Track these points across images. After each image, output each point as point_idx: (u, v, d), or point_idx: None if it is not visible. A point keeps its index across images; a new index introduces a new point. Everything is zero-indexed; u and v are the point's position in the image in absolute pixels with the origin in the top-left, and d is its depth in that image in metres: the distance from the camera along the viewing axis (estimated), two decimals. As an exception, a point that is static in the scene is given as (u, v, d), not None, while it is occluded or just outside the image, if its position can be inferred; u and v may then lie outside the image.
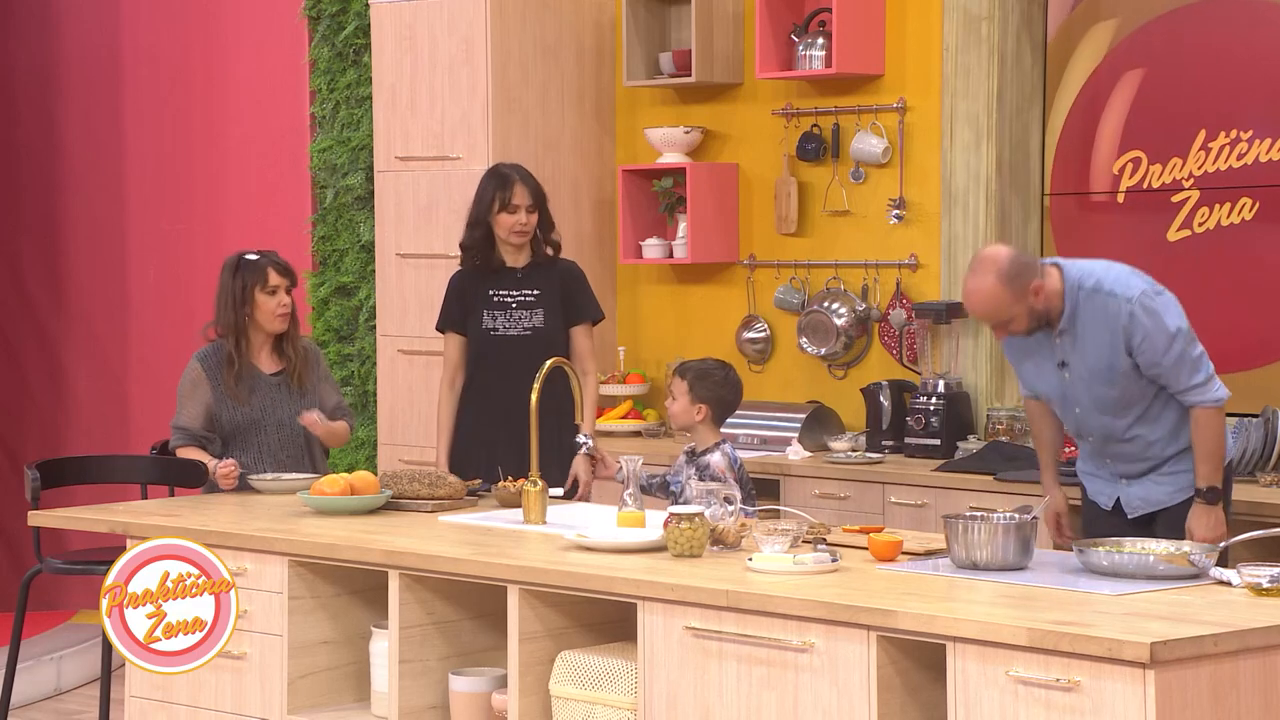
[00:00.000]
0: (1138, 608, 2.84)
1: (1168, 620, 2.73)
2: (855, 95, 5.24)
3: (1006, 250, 3.63)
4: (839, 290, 5.30)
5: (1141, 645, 2.57)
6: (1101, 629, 2.68)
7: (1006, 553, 3.16)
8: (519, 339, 4.45)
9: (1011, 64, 5.00)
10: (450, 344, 4.52)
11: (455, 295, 4.52)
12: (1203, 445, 3.68)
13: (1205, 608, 2.83)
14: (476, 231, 4.48)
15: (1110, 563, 3.10)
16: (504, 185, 4.44)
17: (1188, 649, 2.60)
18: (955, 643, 2.78)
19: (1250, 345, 4.60)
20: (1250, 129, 4.59)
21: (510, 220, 4.44)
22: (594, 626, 3.39)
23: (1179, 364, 3.66)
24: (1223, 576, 3.00)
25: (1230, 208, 4.65)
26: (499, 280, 4.48)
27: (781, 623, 2.99)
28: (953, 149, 5.06)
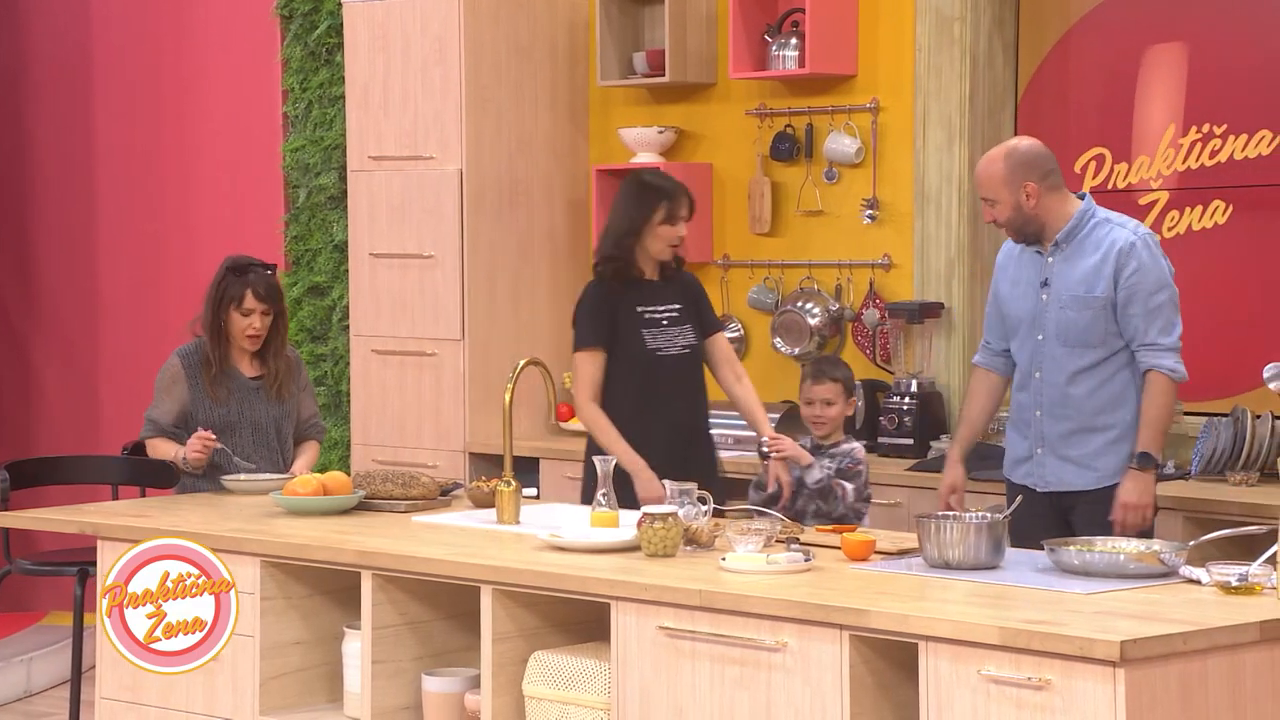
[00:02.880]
0: (1108, 606, 2.86)
1: (1138, 619, 2.75)
2: (828, 95, 5.25)
3: (1032, 143, 3.86)
4: (812, 290, 5.31)
5: (1112, 644, 2.59)
6: (1072, 628, 2.69)
7: (979, 552, 3.18)
8: (679, 358, 4.21)
9: (984, 65, 5.02)
10: (596, 363, 4.16)
11: (606, 310, 4.17)
12: (1151, 411, 3.73)
13: (1175, 606, 2.86)
14: (628, 241, 4.18)
15: (1081, 562, 3.12)
16: (671, 197, 4.20)
17: (1157, 647, 2.62)
18: (927, 642, 2.80)
19: (1225, 361, 4.61)
20: (1224, 123, 4.59)
21: (671, 234, 4.19)
22: (567, 626, 3.39)
23: (1157, 314, 3.72)
24: (1192, 575, 3.03)
25: (1202, 211, 4.66)
26: (641, 295, 4.20)
27: (755, 622, 3.00)
28: (925, 149, 5.08)
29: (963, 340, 5.07)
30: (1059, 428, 3.83)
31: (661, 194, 4.20)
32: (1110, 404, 3.78)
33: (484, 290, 5.54)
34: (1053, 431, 3.84)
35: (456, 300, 5.50)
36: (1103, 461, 3.79)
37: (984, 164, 3.86)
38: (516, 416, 4.07)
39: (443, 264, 5.52)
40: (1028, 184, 3.77)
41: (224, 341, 4.39)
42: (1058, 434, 3.83)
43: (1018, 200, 3.77)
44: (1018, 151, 3.82)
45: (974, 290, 5.06)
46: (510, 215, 5.58)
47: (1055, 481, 3.85)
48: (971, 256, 5.06)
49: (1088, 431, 3.80)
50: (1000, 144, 3.92)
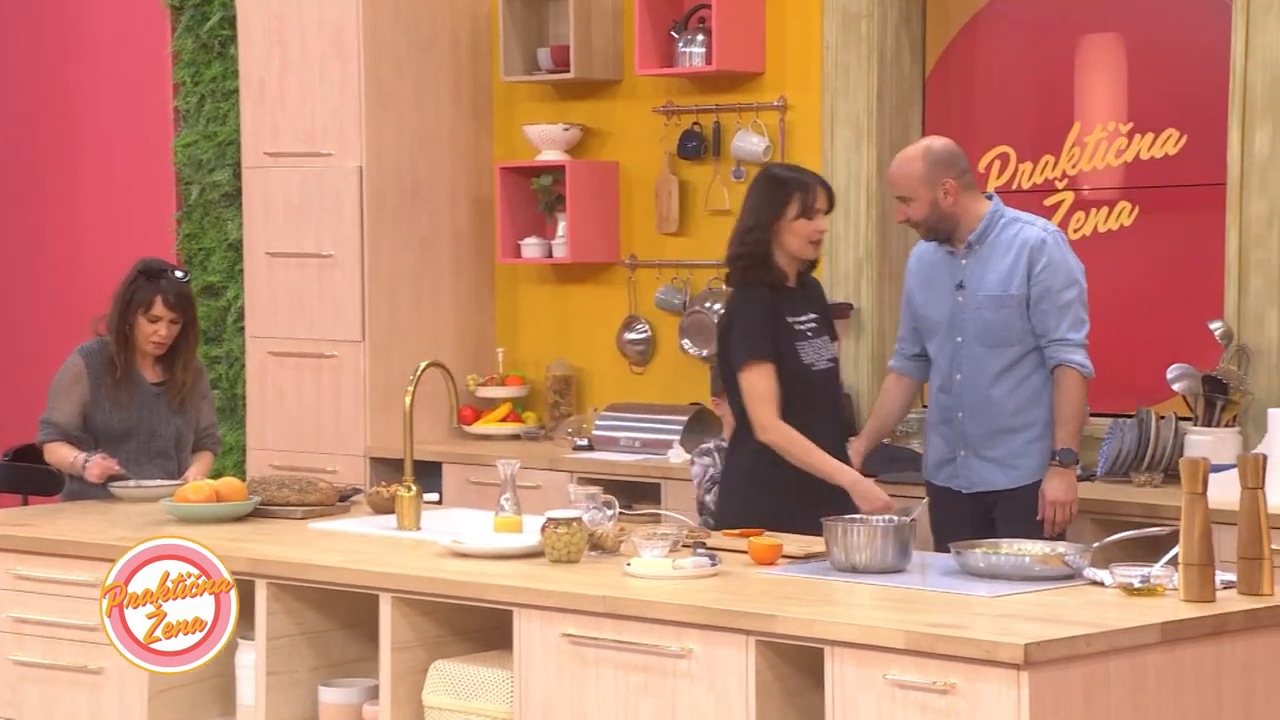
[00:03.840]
0: (1013, 609, 2.90)
1: (1042, 621, 2.80)
2: (736, 93, 5.28)
3: (946, 142, 3.95)
4: (721, 290, 5.31)
5: (1015, 647, 2.63)
6: (977, 631, 2.73)
7: (885, 555, 3.22)
8: (827, 374, 3.85)
9: (891, 63, 5.08)
10: (771, 375, 3.75)
11: (771, 317, 3.78)
12: (1065, 408, 3.82)
13: (1078, 608, 2.91)
14: (763, 244, 3.78)
15: (987, 564, 3.17)
16: (805, 188, 3.79)
17: (1060, 650, 2.67)
18: (833, 646, 2.82)
19: (1132, 363, 4.71)
20: (1130, 121, 4.68)
21: (809, 229, 3.79)
22: (469, 635, 3.38)
23: (1066, 310, 3.82)
24: (1096, 577, 3.08)
25: (1108, 212, 4.75)
26: (787, 303, 3.81)
27: (659, 628, 3.01)
28: (833, 148, 5.13)
29: (872, 342, 5.12)
30: (981, 428, 3.91)
31: (793, 186, 3.80)
32: (1029, 402, 3.87)
33: (385, 290, 5.50)
34: (975, 432, 3.92)
35: (356, 301, 5.46)
36: (1024, 460, 3.88)
37: (900, 163, 3.92)
38: (418, 420, 4.05)
39: (342, 263, 5.47)
40: (946, 181, 3.85)
41: (129, 346, 4.32)
42: (980, 435, 3.91)
43: (935, 198, 3.84)
44: (935, 150, 3.90)
45: (883, 291, 5.12)
46: (412, 213, 5.55)
47: (979, 482, 3.92)
48: (880, 257, 5.12)
49: (1008, 431, 3.89)
50: (912, 144, 4.00)
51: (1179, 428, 4.39)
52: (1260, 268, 4.37)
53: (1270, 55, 4.30)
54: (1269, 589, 2.93)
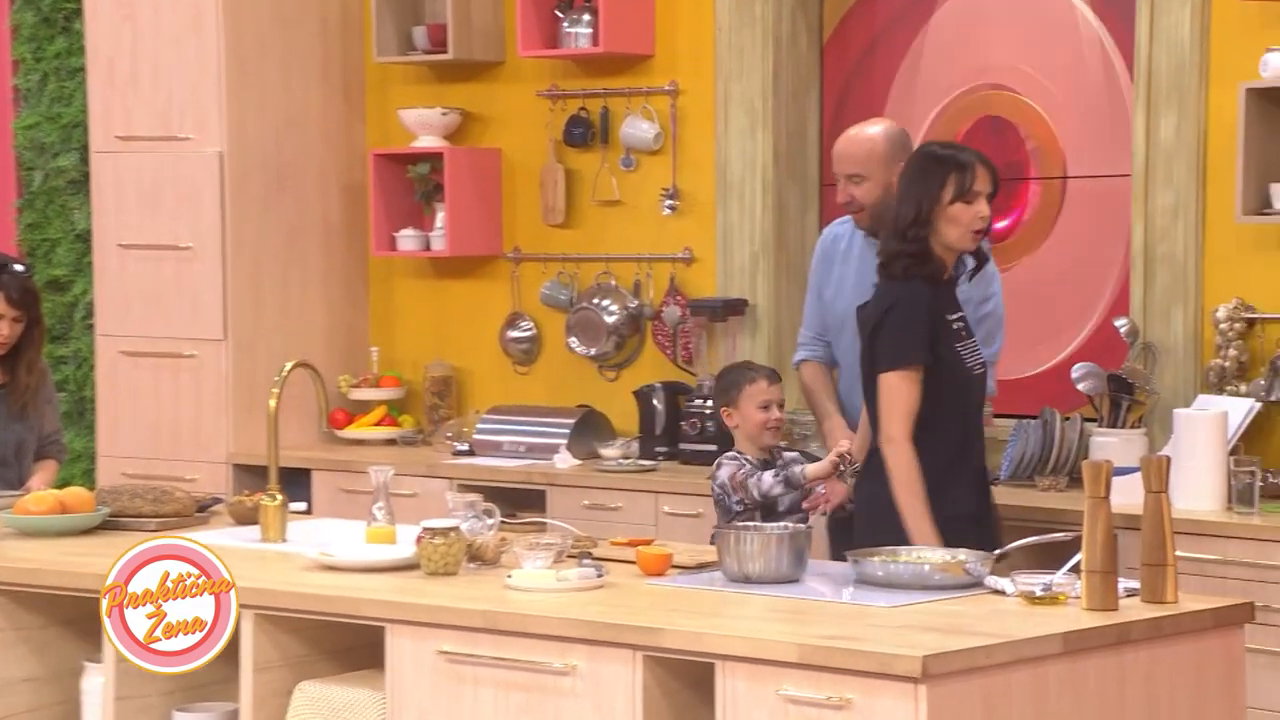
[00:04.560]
0: (911, 620, 2.95)
1: (941, 632, 2.85)
2: (624, 76, 5.30)
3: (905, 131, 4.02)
4: (610, 285, 5.35)
5: (913, 659, 2.67)
6: (873, 643, 2.77)
7: (780, 565, 3.25)
8: (979, 378, 3.64)
9: (786, 46, 5.13)
10: (918, 384, 3.52)
11: (928, 316, 3.54)
12: None
13: (979, 618, 2.96)
14: (919, 230, 3.52)
15: (885, 573, 3.22)
16: (962, 167, 3.53)
17: (959, 661, 2.72)
18: (724, 661, 2.85)
19: (1037, 363, 4.82)
20: (1023, 128, 4.79)
21: (969, 214, 3.53)
22: (337, 653, 3.36)
23: (997, 322, 3.90)
24: (997, 585, 3.15)
25: (1004, 196, 4.88)
26: (944, 299, 3.58)
27: (542, 644, 3.02)
28: (728, 135, 5.17)
29: (768, 339, 5.17)
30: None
31: (949, 165, 3.54)
32: None
33: (249, 285, 5.44)
34: None
35: (217, 296, 5.40)
36: None
37: (858, 139, 3.92)
38: (285, 424, 4.02)
39: (202, 256, 5.41)
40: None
41: None
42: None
43: (888, 183, 3.83)
44: (897, 130, 3.95)
45: (780, 285, 5.17)
46: (278, 202, 5.50)
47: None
48: (777, 249, 5.17)
49: None
50: (866, 122, 4.00)
51: (1084, 429, 4.49)
52: (1166, 262, 4.49)
53: (1174, 38, 4.42)
54: (1173, 596, 3.01)
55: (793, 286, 5.21)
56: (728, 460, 3.97)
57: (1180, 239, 4.45)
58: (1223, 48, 4.38)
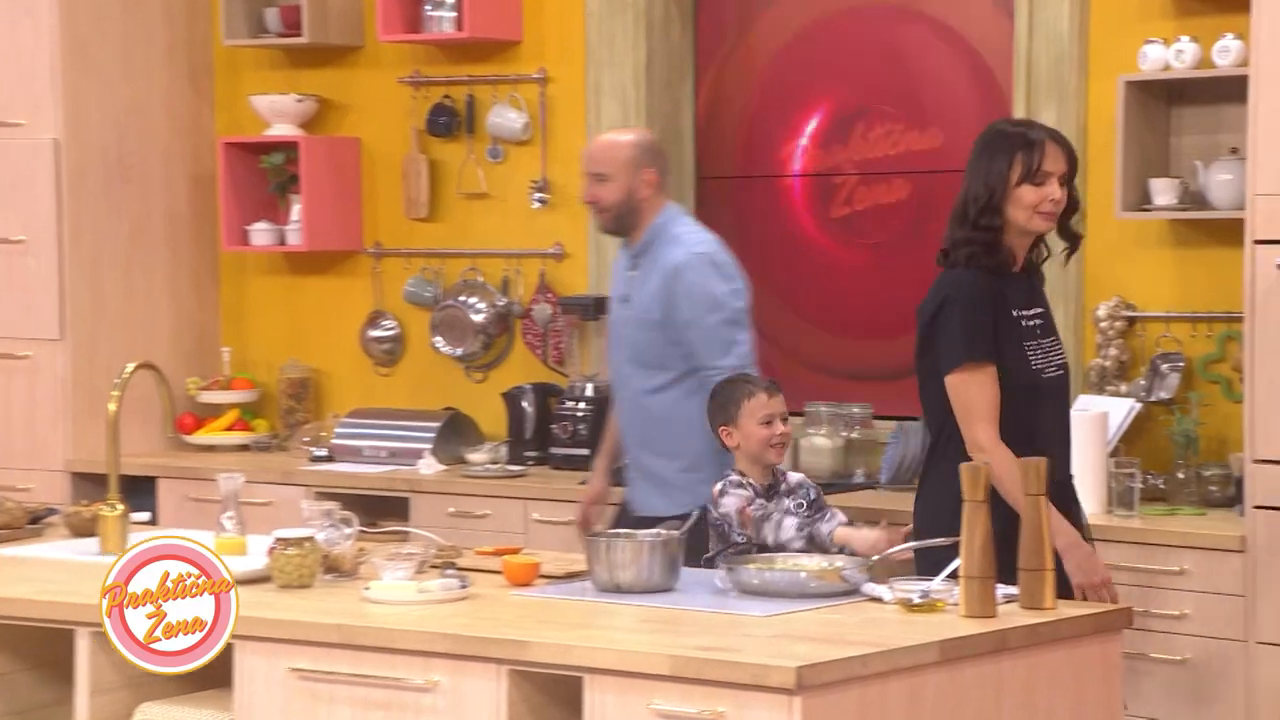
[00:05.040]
0: (787, 629, 2.99)
1: (817, 642, 2.89)
2: (491, 63, 5.29)
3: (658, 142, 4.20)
4: (477, 283, 5.33)
5: (788, 670, 2.70)
6: (747, 654, 2.80)
7: (652, 573, 3.27)
8: (1057, 383, 3.41)
9: (659, 33, 5.16)
10: (993, 381, 3.30)
11: (990, 309, 3.32)
12: None
13: (856, 627, 3.01)
14: (990, 219, 3.32)
15: (761, 581, 3.25)
16: (1029, 145, 3.31)
17: (836, 672, 2.76)
18: (592, 674, 2.86)
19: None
20: (902, 121, 4.93)
21: (1036, 197, 3.30)
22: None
23: (714, 336, 3.97)
24: (875, 593, 3.20)
25: (887, 188, 4.98)
26: (1013, 292, 3.36)
27: (403, 659, 3.00)
28: (599, 125, 5.18)
29: (643, 339, 5.19)
30: (636, 451, 4.09)
31: (1017, 143, 3.32)
32: (682, 430, 3.99)
33: (88, 281, 5.36)
34: (633, 455, 4.11)
35: (54, 293, 5.31)
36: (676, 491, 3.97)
37: (605, 141, 4.14)
38: (129, 429, 3.98)
39: (36, 250, 5.32)
40: (649, 171, 4.04)
41: None
42: (636, 456, 4.09)
43: (633, 185, 4.02)
44: (646, 136, 4.18)
45: (653, 283, 5.20)
46: (120, 193, 5.42)
47: (641, 506, 4.05)
48: (651, 246, 5.19)
49: (661, 457, 4.04)
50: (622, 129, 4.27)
51: (966, 431, 4.57)
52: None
53: (1053, 30, 4.52)
54: (1051, 602, 3.08)
55: (665, 284, 5.23)
56: (733, 489, 3.73)
57: (1060, 236, 4.55)
58: (1102, 40, 4.49)
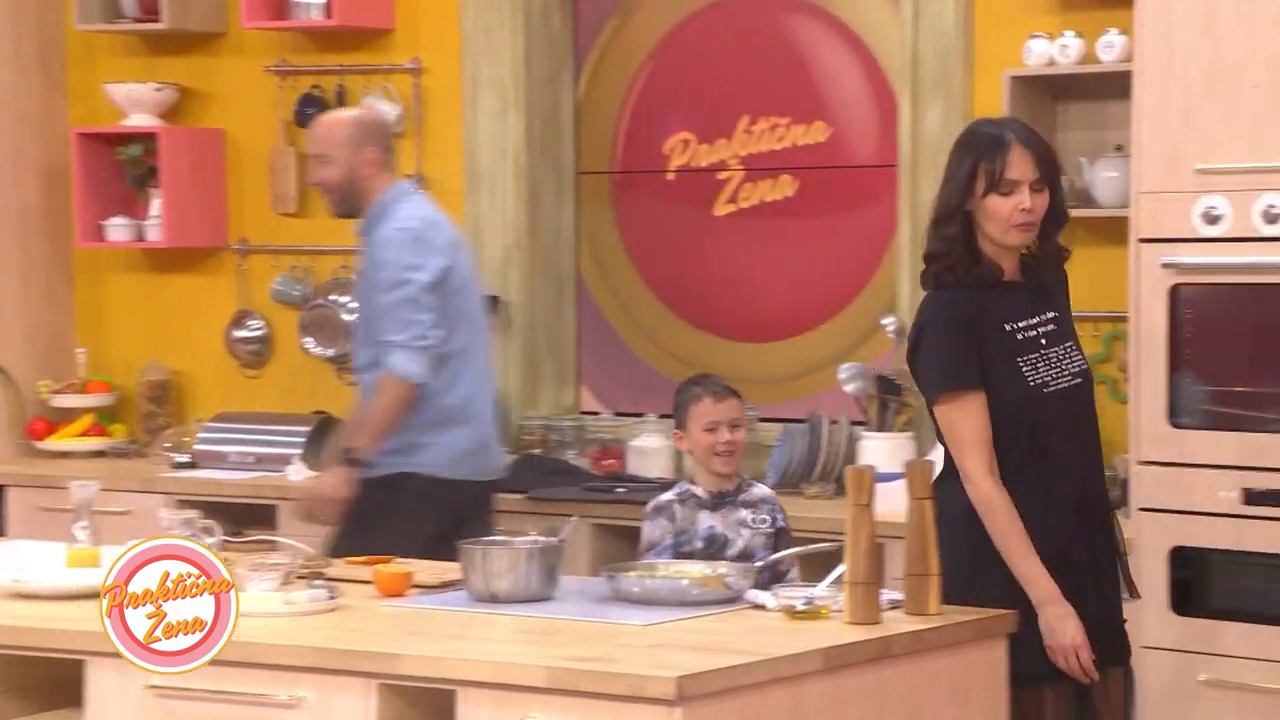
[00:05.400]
0: (668, 638, 3.00)
1: (698, 651, 2.90)
2: (362, 52, 5.26)
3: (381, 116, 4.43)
4: (349, 281, 5.28)
5: (667, 681, 2.71)
6: (626, 664, 2.81)
7: (529, 582, 3.27)
8: (1070, 394, 3.20)
9: (539, 23, 5.16)
10: (979, 409, 3.15)
11: (969, 329, 3.16)
12: (373, 409, 4.15)
13: (738, 635, 3.02)
14: (949, 229, 3.16)
15: (642, 589, 3.26)
16: (989, 153, 3.13)
17: (716, 681, 2.77)
18: (465, 687, 2.85)
19: (801, 362, 4.96)
20: (788, 116, 4.97)
21: (1004, 208, 3.12)
22: (30, 691, 3.26)
23: (392, 311, 4.12)
24: (758, 600, 3.22)
25: (773, 184, 5.00)
26: (1006, 304, 3.19)
27: (267, 675, 2.98)
28: (476, 118, 5.17)
29: (523, 338, 5.19)
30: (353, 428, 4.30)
31: (982, 147, 3.14)
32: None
33: (-68, 279, 5.27)
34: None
35: (-106, 291, 5.22)
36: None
37: (325, 120, 4.32)
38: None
39: (-124, 246, 5.23)
40: (371, 150, 4.20)
41: None
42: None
43: (354, 164, 4.18)
44: (369, 116, 4.41)
45: (534, 281, 5.20)
46: (-35, 187, 5.33)
47: None
48: (531, 242, 5.19)
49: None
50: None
51: (852, 433, 4.62)
52: (934, 257, 4.63)
53: (939, 25, 4.58)
54: (936, 608, 3.12)
55: (548, 282, 5.24)
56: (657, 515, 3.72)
57: (948, 233, 4.60)
58: (987, 35, 4.55)
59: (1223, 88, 3.83)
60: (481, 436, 4.23)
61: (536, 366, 5.24)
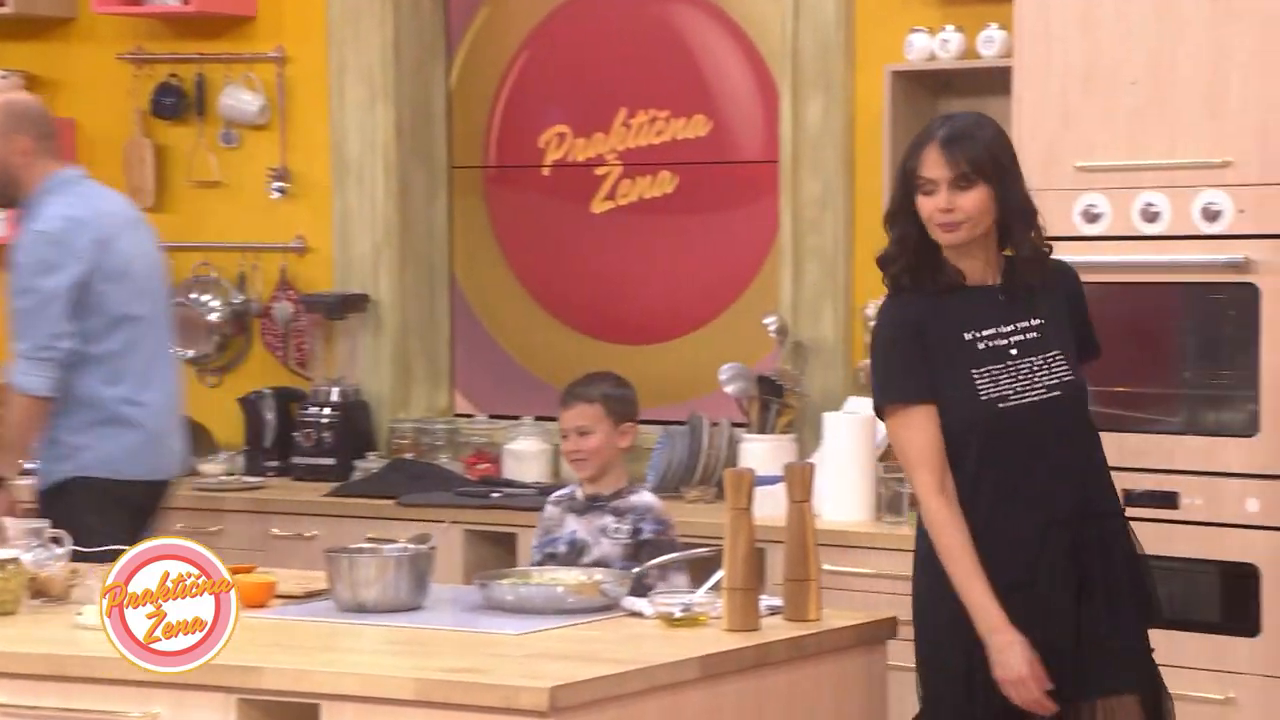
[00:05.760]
0: (542, 647, 2.99)
1: (573, 660, 2.90)
2: (222, 40, 5.21)
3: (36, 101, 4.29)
4: (210, 279, 5.26)
5: (540, 691, 2.70)
6: (498, 675, 2.80)
7: (398, 591, 3.24)
8: (1043, 408, 3.00)
9: (408, 9, 5.13)
10: (927, 423, 3.01)
11: (915, 340, 3.03)
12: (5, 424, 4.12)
13: (614, 644, 3.02)
14: (897, 229, 3.04)
15: (516, 597, 3.26)
16: (913, 148, 3.05)
17: (590, 691, 2.77)
18: (330, 701, 2.82)
19: (683, 363, 4.97)
20: (668, 109, 4.98)
21: (927, 208, 3.01)
22: None
23: (20, 319, 4.07)
24: (635, 607, 3.22)
25: (652, 181, 5.01)
26: (971, 311, 3.04)
27: (119, 691, 2.94)
28: (344, 109, 5.13)
29: (393, 338, 5.16)
30: None
31: (913, 143, 3.06)
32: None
33: None
34: None
35: None
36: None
37: None
38: None
39: None
40: (23, 138, 4.11)
41: None
42: None
43: (4, 154, 4.09)
44: (20, 102, 4.24)
45: (405, 280, 5.17)
46: None
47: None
48: (401, 239, 5.16)
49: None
50: None
51: (733, 435, 4.64)
52: (815, 254, 4.67)
53: (820, 18, 4.61)
54: (816, 614, 3.14)
55: (419, 280, 5.21)
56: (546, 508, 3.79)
57: (830, 231, 4.64)
58: (868, 29, 4.59)
59: (1101, 85, 3.89)
60: (151, 436, 4.16)
61: (408, 367, 5.20)
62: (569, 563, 3.63)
